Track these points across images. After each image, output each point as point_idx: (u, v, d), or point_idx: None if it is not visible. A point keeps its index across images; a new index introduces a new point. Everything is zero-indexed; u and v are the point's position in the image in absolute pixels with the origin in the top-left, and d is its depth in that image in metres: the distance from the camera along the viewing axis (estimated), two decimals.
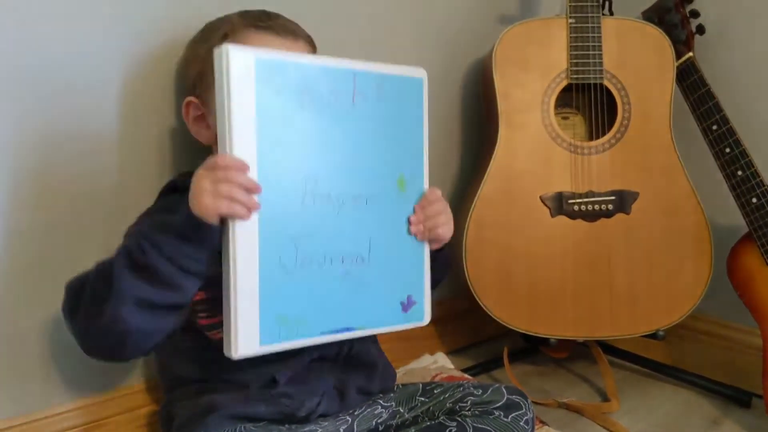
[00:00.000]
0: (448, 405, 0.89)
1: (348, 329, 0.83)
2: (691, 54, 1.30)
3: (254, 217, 0.74)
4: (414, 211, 0.89)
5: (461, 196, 1.42)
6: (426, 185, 0.90)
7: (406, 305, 0.89)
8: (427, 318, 0.91)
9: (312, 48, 0.96)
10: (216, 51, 0.73)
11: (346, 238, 0.82)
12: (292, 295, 0.78)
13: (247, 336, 0.74)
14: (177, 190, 0.93)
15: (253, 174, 0.74)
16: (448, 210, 0.92)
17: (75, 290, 0.79)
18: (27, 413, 0.97)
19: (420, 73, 0.88)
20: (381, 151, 0.85)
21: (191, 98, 0.95)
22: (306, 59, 0.80)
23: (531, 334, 1.30)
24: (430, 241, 0.91)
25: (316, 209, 0.79)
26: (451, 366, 1.37)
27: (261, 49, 0.76)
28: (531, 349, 1.50)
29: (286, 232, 0.77)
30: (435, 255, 0.92)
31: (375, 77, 0.83)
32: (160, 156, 1.04)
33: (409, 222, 0.88)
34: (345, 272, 0.82)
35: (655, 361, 1.44)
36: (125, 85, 0.99)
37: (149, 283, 0.74)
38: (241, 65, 0.72)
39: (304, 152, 0.78)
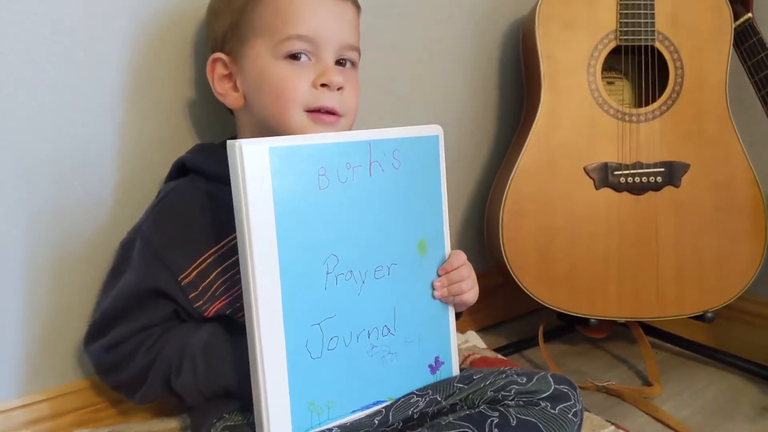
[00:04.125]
0: (489, 393, 0.82)
1: (378, 402, 0.82)
2: (750, 15, 1.22)
3: (278, 309, 0.72)
4: (437, 274, 0.86)
5: (498, 167, 1.34)
6: (447, 246, 0.87)
7: (435, 367, 0.87)
8: (456, 372, 0.89)
9: (357, 8, 0.90)
10: (229, 146, 0.70)
11: (370, 311, 0.80)
12: (322, 379, 0.76)
13: (278, 427, 0.73)
14: (186, 171, 0.89)
15: (274, 265, 0.71)
16: (473, 274, 0.89)
17: (115, 361, 0.84)
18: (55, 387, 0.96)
19: (435, 130, 0.85)
20: (400, 217, 0.82)
21: (220, 54, 0.87)
22: (319, 138, 0.75)
23: (571, 313, 1.23)
24: (455, 305, 0.89)
25: (339, 289, 0.77)
26: (483, 345, 1.30)
27: (273, 138, 0.71)
28: (566, 327, 1.43)
29: (311, 319, 0.75)
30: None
31: (390, 143, 0.80)
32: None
33: (432, 286, 0.86)
34: (372, 346, 0.80)
35: (700, 343, 1.37)
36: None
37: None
38: (255, 158, 0.70)
39: (324, 233, 0.75)
